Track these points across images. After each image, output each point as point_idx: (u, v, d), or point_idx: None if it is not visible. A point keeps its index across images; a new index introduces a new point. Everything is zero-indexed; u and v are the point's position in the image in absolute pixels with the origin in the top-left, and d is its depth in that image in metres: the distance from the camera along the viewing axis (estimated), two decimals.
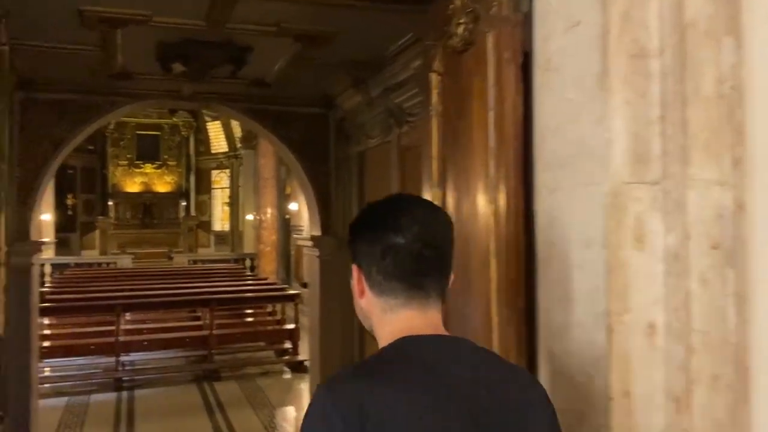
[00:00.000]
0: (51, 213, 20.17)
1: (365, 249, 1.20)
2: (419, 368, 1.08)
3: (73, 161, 23.25)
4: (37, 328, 5.78)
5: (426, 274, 1.18)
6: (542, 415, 1.15)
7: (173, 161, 25.15)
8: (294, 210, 16.11)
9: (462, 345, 1.17)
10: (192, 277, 12.47)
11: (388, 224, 1.17)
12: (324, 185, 6.11)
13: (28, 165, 5.28)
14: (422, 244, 1.16)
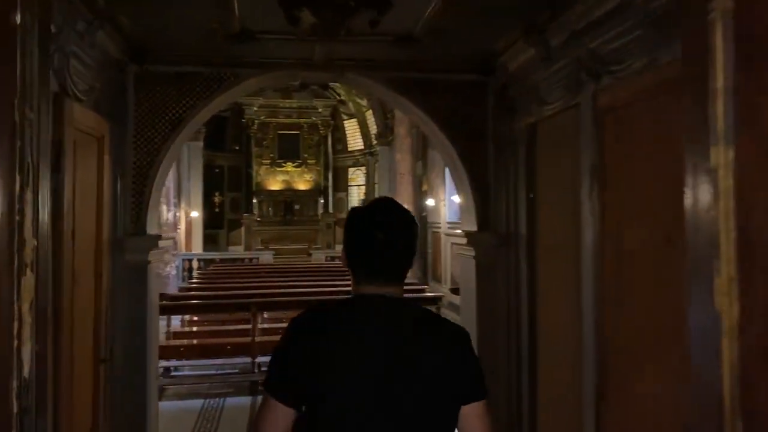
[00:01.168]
0: (199, 210, 20.52)
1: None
2: (354, 309, 1.65)
3: (220, 161, 23.68)
4: (157, 331, 4.97)
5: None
6: (450, 360, 1.59)
7: (312, 160, 24.93)
8: (431, 206, 14.93)
9: (397, 299, 1.65)
10: (329, 274, 11.67)
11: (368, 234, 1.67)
12: (481, 169, 4.82)
13: (142, 149, 4.46)
14: (384, 246, 1.64)
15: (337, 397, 1.51)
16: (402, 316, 1.62)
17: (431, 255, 15.58)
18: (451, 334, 1.66)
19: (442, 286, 14.32)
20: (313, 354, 1.53)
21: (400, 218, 1.68)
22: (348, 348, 1.54)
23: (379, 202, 1.74)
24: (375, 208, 1.71)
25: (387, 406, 1.50)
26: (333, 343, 1.55)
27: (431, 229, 15.54)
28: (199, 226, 20.62)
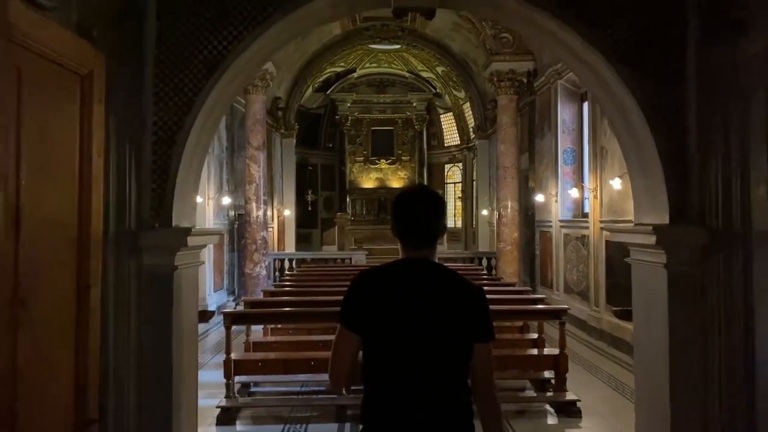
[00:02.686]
0: (292, 209, 19.48)
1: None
2: (399, 269, 2.18)
3: (313, 159, 22.64)
4: (193, 374, 3.53)
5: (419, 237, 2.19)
6: (463, 302, 2.10)
7: (406, 156, 23.41)
8: (540, 202, 12.96)
9: (428, 262, 2.15)
10: None
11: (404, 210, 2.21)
12: (675, 127, 3.00)
13: (166, 102, 3.01)
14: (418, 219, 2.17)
15: (387, 327, 2.06)
16: (433, 272, 2.14)
17: (540, 257, 13.59)
18: (470, 288, 2.18)
19: (553, 293, 12.32)
20: (371, 297, 2.10)
21: (429, 200, 2.19)
22: (394, 294, 2.09)
23: (416, 188, 2.30)
24: (411, 193, 2.25)
25: (421, 335, 2.05)
26: (384, 291, 2.10)
27: (539, 228, 13.55)
28: (292, 225, 19.59)
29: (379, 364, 2.08)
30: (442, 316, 2.05)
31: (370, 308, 2.06)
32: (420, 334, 2.03)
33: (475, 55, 17.05)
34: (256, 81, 13.00)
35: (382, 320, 2.04)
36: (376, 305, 2.06)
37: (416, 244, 2.15)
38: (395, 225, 2.20)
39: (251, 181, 13.10)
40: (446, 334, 2.05)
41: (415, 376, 2.03)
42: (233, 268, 13.85)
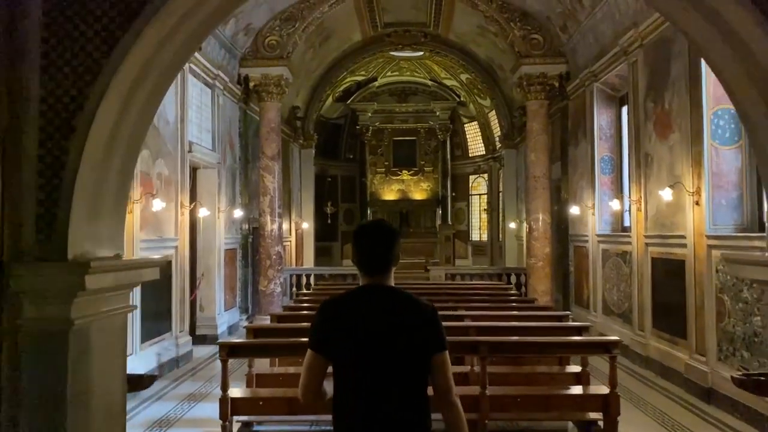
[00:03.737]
0: (311, 222, 18.68)
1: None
2: (358, 296, 2.41)
3: (333, 170, 21.88)
4: None
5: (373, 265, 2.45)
6: (418, 319, 2.32)
7: (429, 167, 22.52)
8: (574, 215, 11.95)
9: (384, 286, 2.39)
10: (450, 297, 9.13)
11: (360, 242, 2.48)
12: None
13: (60, 67, 2.18)
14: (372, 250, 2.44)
15: (352, 348, 2.27)
16: (389, 296, 2.37)
17: (574, 274, 12.56)
18: (422, 307, 2.38)
19: (590, 314, 11.28)
20: (335, 323, 2.32)
21: (381, 233, 2.46)
22: (356, 318, 2.31)
23: (371, 223, 2.60)
24: (366, 227, 2.54)
25: (383, 353, 2.26)
26: (347, 315, 2.33)
27: (574, 242, 12.53)
28: (311, 239, 18.80)
29: (346, 381, 2.31)
30: (399, 334, 2.28)
31: (335, 333, 2.31)
32: (381, 352, 2.26)
33: (502, 60, 16.14)
34: (270, 87, 12.25)
35: (347, 343, 2.28)
36: (341, 329, 2.30)
37: (372, 272, 2.41)
38: (354, 256, 2.46)
39: (265, 193, 12.32)
40: (405, 350, 2.28)
41: (379, 389, 2.27)
42: (246, 285, 13.05)
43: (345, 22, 15.37)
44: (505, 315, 7.27)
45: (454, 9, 14.96)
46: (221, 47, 11.09)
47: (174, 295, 8.77)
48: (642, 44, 8.84)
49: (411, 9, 15.46)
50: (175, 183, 8.81)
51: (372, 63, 19.63)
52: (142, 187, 7.56)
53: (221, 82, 11.01)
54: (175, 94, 8.80)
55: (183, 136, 9.08)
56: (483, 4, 12.47)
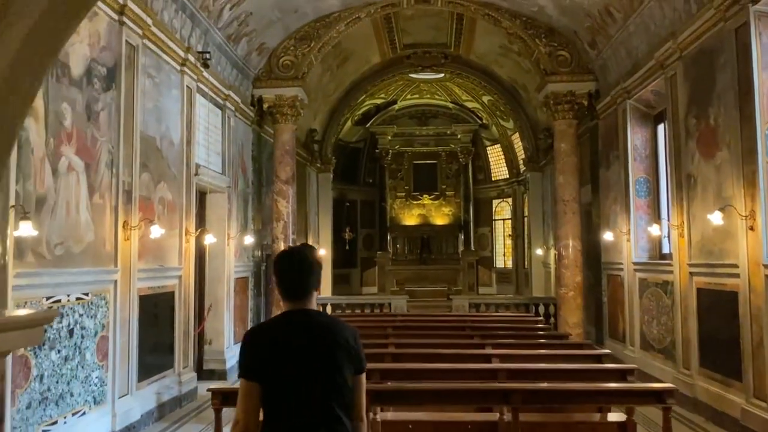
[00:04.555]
0: (329, 248, 18.08)
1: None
2: (281, 322, 2.54)
3: (352, 195, 21.34)
4: None
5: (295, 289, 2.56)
6: (340, 342, 2.45)
7: (451, 191, 21.84)
8: (608, 240, 11.15)
9: (307, 311, 2.53)
10: (475, 332, 8.39)
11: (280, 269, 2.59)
12: None
13: None
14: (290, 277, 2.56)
15: (280, 371, 2.38)
16: (312, 320, 2.49)
17: (607, 305, 11.71)
18: (345, 327, 2.53)
19: (626, 348, 10.42)
20: (261, 350, 2.42)
21: (300, 260, 2.55)
22: (281, 342, 2.43)
23: (291, 250, 2.65)
24: (286, 254, 2.62)
25: (307, 378, 2.39)
26: (273, 341, 2.45)
27: (607, 270, 11.71)
28: (329, 265, 18.14)
29: (273, 405, 2.41)
30: (322, 356, 2.41)
31: (262, 359, 2.41)
32: (305, 375, 2.39)
33: (525, 81, 15.55)
34: (284, 109, 11.77)
35: (273, 368, 2.39)
36: (267, 355, 2.41)
37: (294, 298, 2.53)
38: (276, 282, 2.59)
39: (279, 218, 11.75)
40: (328, 372, 2.41)
41: (304, 411, 2.39)
42: (259, 316, 12.43)
43: (363, 44, 14.95)
44: (537, 354, 6.51)
45: (475, 29, 14.47)
46: (233, 67, 10.65)
47: (177, 328, 8.16)
48: (681, 56, 8.16)
49: (431, 30, 15.00)
50: (180, 208, 8.26)
51: (391, 86, 19.18)
52: (141, 213, 7.02)
53: (233, 103, 10.54)
54: (181, 114, 8.31)
55: (189, 159, 8.57)
56: (506, 20, 11.90)
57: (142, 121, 7.06)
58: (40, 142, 5.11)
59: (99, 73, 6.11)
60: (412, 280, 20.14)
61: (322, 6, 11.36)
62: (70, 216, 5.57)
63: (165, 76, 7.88)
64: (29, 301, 4.96)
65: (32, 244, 4.99)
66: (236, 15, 9.77)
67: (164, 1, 7.62)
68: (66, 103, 5.50)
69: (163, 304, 7.82)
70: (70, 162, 5.57)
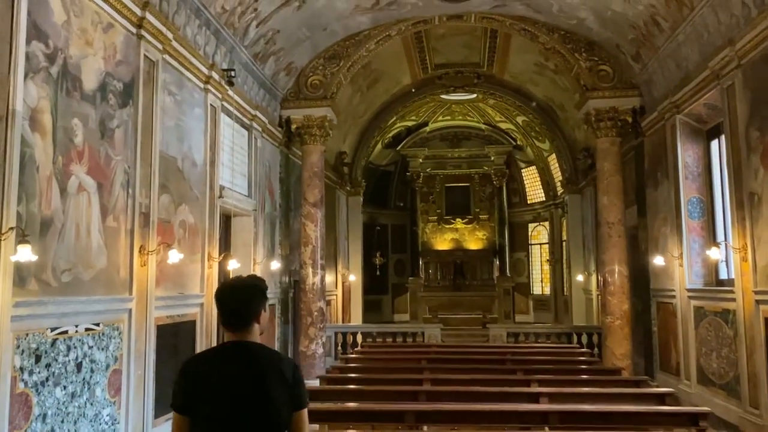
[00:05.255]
0: (359, 273, 17.56)
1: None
2: (218, 354, 2.51)
3: (383, 219, 20.85)
4: None
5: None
6: (276, 376, 2.36)
7: (485, 215, 21.18)
8: (658, 265, 10.39)
9: (245, 343, 2.42)
10: (516, 365, 7.73)
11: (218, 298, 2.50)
12: None
13: None
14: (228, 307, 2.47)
15: (212, 406, 2.30)
16: (251, 352, 2.40)
17: (657, 335, 10.89)
18: (285, 362, 2.46)
19: (681, 383, 9.58)
20: (191, 382, 2.36)
21: (240, 291, 2.51)
22: (217, 375, 2.34)
23: (232, 281, 2.65)
24: (226, 285, 2.58)
25: (237, 413, 2.29)
26: (208, 373, 2.36)
27: (657, 298, 10.92)
28: (359, 292, 17.62)
29: None
30: (258, 392, 2.32)
31: (195, 392, 2.34)
32: (239, 411, 2.29)
33: (562, 100, 14.97)
34: (313, 130, 11.39)
35: (206, 402, 2.31)
36: (200, 388, 2.33)
37: (234, 328, 2.44)
38: (218, 313, 2.51)
39: (307, 243, 11.30)
40: (264, 408, 2.32)
41: None
42: (287, 345, 11.92)
43: (394, 65, 14.60)
44: (590, 393, 5.83)
45: (509, 47, 14.00)
46: (260, 87, 10.33)
47: None
48: (740, 64, 7.51)
49: (463, 49, 14.58)
50: (203, 232, 7.85)
51: (423, 107, 18.77)
52: (159, 237, 6.61)
53: (259, 123, 10.19)
54: (204, 134, 7.95)
55: (213, 180, 8.19)
56: (543, 35, 11.39)
57: (161, 139, 6.69)
58: (47, 159, 4.73)
59: (115, 88, 5.76)
60: (446, 307, 19.44)
61: (351, 24, 11.02)
62: (80, 240, 5.17)
63: (187, 93, 7.54)
64: (31, 333, 4.53)
65: (36, 271, 4.58)
66: (263, 33, 9.46)
67: (186, 16, 7.32)
68: (77, 119, 5.14)
69: (184, 334, 7.36)
70: (80, 182, 5.18)
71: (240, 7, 8.37)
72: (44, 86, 4.71)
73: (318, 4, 9.68)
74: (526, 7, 10.79)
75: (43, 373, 4.67)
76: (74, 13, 5.10)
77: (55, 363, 4.80)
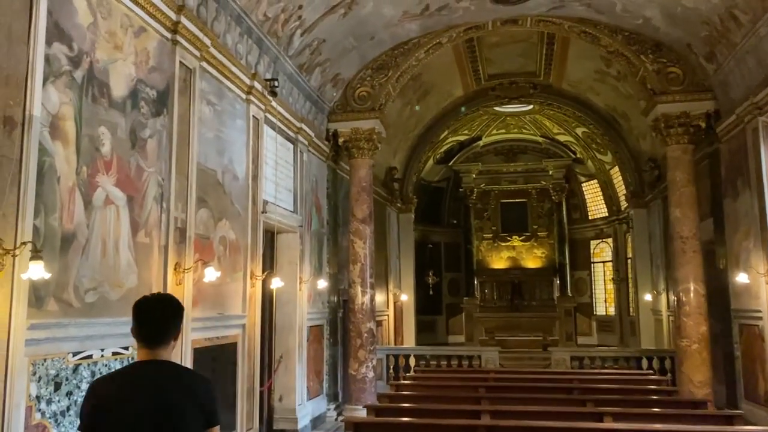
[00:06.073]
0: (411, 293, 16.96)
1: None
2: (129, 372, 2.53)
3: (435, 237, 20.23)
4: None
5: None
6: (190, 400, 2.34)
7: (543, 232, 20.26)
8: (740, 283, 9.39)
9: (156, 363, 2.41)
10: (588, 396, 6.96)
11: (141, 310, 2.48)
12: None
13: None
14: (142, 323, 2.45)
15: (113, 428, 2.27)
16: (161, 372, 2.39)
17: (741, 360, 9.83)
18: (196, 380, 2.48)
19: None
20: (99, 401, 2.32)
21: (157, 306, 2.49)
22: (125, 395, 2.31)
23: (150, 297, 2.54)
24: (143, 301, 2.49)
25: (152, 429, 2.26)
26: (116, 392, 2.33)
27: (739, 320, 9.88)
28: (411, 312, 17.01)
29: None
30: (169, 410, 2.28)
31: (103, 413, 2.27)
32: (144, 428, 2.25)
33: (625, 108, 14.11)
34: (361, 143, 10.97)
35: (114, 424, 2.25)
36: (108, 409, 2.27)
37: (148, 345, 2.40)
38: (132, 329, 2.46)
39: (356, 261, 10.81)
40: (177, 425, 2.28)
41: None
42: (336, 368, 11.41)
43: (445, 76, 14.10)
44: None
45: (567, 54, 13.30)
46: (306, 99, 9.99)
47: (240, 385, 7.25)
48: None
49: (518, 57, 13.96)
50: (244, 249, 7.47)
51: (476, 121, 18.18)
52: (197, 253, 6.23)
53: (305, 137, 9.83)
54: (246, 146, 7.60)
55: (256, 195, 7.82)
56: (605, 37, 10.66)
57: (199, 151, 6.35)
58: (69, 170, 4.40)
59: (147, 95, 5.45)
60: (503, 328, 18.57)
61: (400, 32, 10.59)
62: (107, 256, 4.81)
63: (228, 104, 7.21)
64: (49, 358, 4.16)
65: (55, 290, 4.22)
66: (308, 42, 9.13)
67: (227, 23, 7.01)
68: (104, 127, 4.81)
69: (224, 358, 6.95)
70: (108, 194, 4.84)
71: (283, 15, 8.05)
72: (67, 91, 4.40)
73: (364, 11, 9.29)
74: (586, 8, 10.11)
75: (63, 401, 4.29)
76: (101, 14, 4.80)
77: (77, 390, 4.41)
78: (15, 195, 3.85)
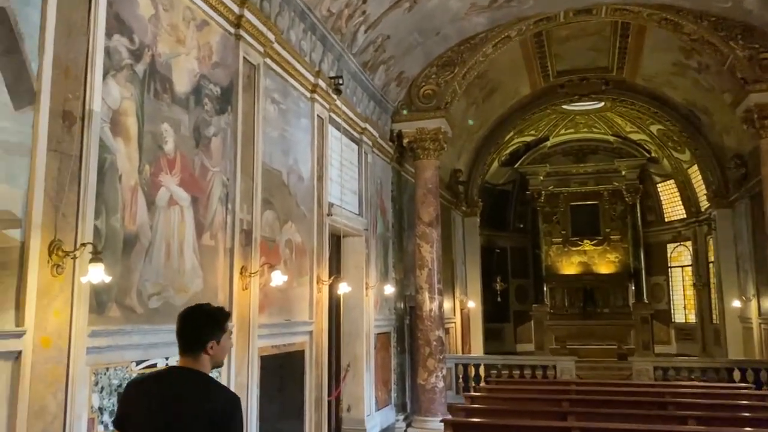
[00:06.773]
0: (478, 300, 16.36)
1: None
2: (159, 377, 2.54)
3: (502, 241, 19.55)
4: None
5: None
6: (207, 414, 2.25)
7: (616, 235, 19.24)
8: None
9: (181, 369, 2.40)
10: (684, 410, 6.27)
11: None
12: None
13: None
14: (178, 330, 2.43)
15: (135, 428, 2.33)
16: (188, 381, 2.35)
17: None
18: (219, 395, 2.36)
19: None
20: (131, 403, 2.39)
21: (191, 317, 2.44)
22: (147, 402, 2.32)
23: (189, 308, 2.50)
24: (183, 311, 2.48)
25: None
26: (141, 398, 2.36)
27: None
28: (479, 320, 16.40)
29: None
30: (188, 422, 2.25)
31: (130, 413, 2.36)
32: None
33: (706, 102, 13.15)
34: (426, 143, 10.54)
35: (137, 425, 2.31)
36: (135, 410, 2.34)
37: (180, 352, 2.41)
38: None
39: (422, 266, 10.37)
40: None
41: None
42: (403, 377, 10.98)
43: (511, 74, 13.52)
44: None
45: (642, 46, 12.50)
46: (370, 98, 9.66)
47: (308, 394, 6.93)
48: None
49: (589, 52, 13.23)
50: (310, 252, 7.16)
51: (543, 120, 17.45)
52: (263, 257, 5.95)
53: (369, 137, 9.49)
54: (311, 146, 7.31)
55: (321, 197, 7.51)
56: (689, 23, 9.86)
57: (264, 151, 6.08)
58: (132, 168, 4.17)
59: (211, 92, 5.20)
60: (575, 337, 17.68)
61: (466, 26, 10.12)
62: (171, 260, 4.56)
63: (292, 102, 6.94)
64: (112, 368, 3.92)
65: (117, 295, 3.98)
66: (372, 39, 8.80)
67: (290, 19, 6.75)
68: (167, 124, 4.58)
69: (291, 366, 6.64)
70: (172, 194, 4.60)
71: (347, 10, 7.74)
72: (128, 86, 4.17)
73: (430, 4, 8.89)
74: None
75: None
76: (163, 6, 4.58)
77: None
78: (75, 194, 3.62)
